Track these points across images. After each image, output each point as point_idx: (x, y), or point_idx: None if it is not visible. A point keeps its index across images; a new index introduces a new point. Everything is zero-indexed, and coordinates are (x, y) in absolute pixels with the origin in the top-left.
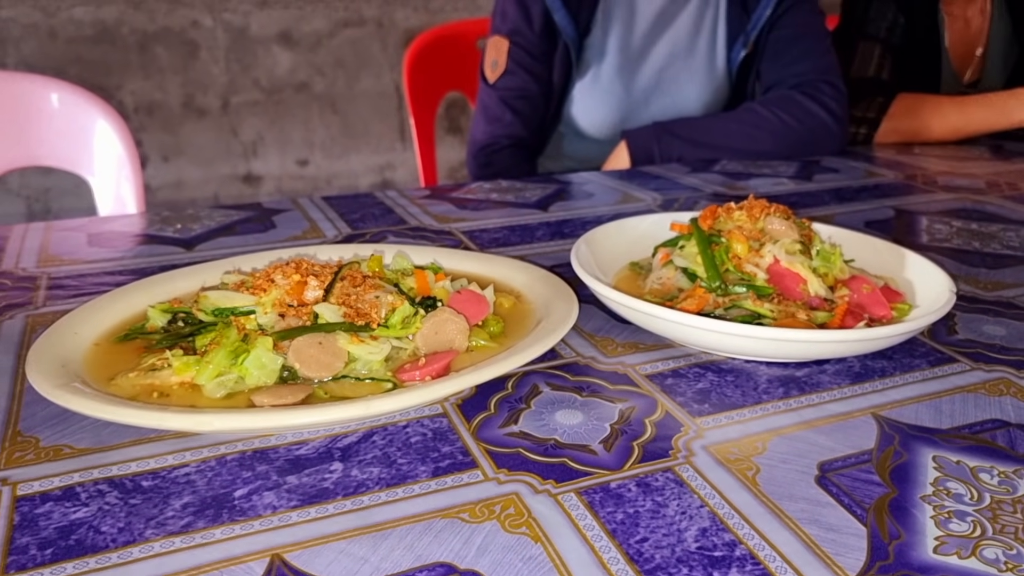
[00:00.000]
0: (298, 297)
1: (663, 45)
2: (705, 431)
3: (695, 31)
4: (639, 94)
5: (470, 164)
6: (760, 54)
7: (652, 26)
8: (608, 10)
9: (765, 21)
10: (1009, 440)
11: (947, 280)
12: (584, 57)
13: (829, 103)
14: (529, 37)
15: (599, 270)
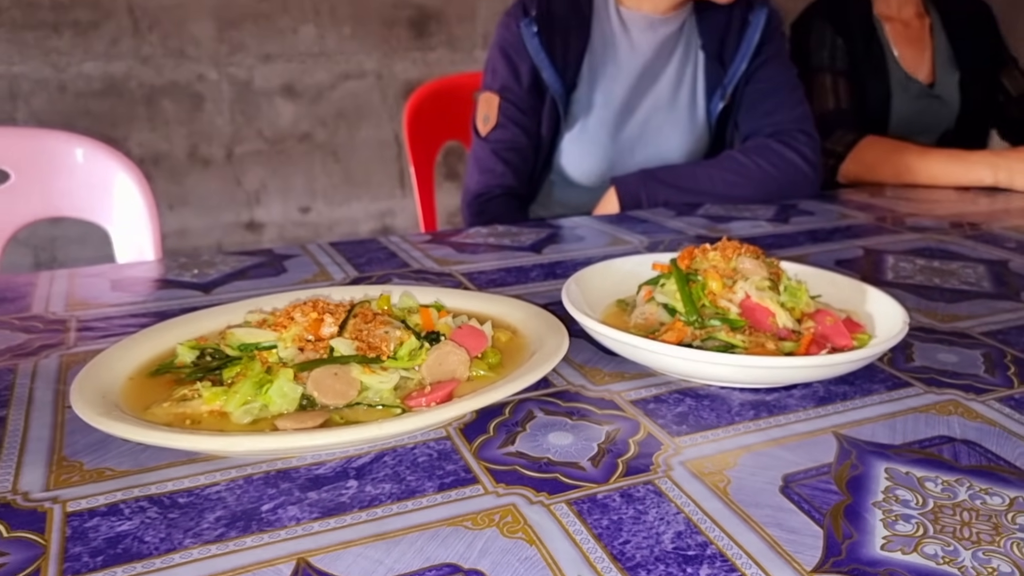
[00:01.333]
0: (315, 333)
1: (647, 98)
2: (683, 449)
3: (677, 85)
4: (625, 144)
5: (464, 212)
6: (737, 105)
7: (636, 81)
8: (593, 66)
9: (740, 75)
10: (954, 453)
11: (902, 312)
12: (571, 110)
13: (803, 150)
14: (518, 93)
15: (588, 307)
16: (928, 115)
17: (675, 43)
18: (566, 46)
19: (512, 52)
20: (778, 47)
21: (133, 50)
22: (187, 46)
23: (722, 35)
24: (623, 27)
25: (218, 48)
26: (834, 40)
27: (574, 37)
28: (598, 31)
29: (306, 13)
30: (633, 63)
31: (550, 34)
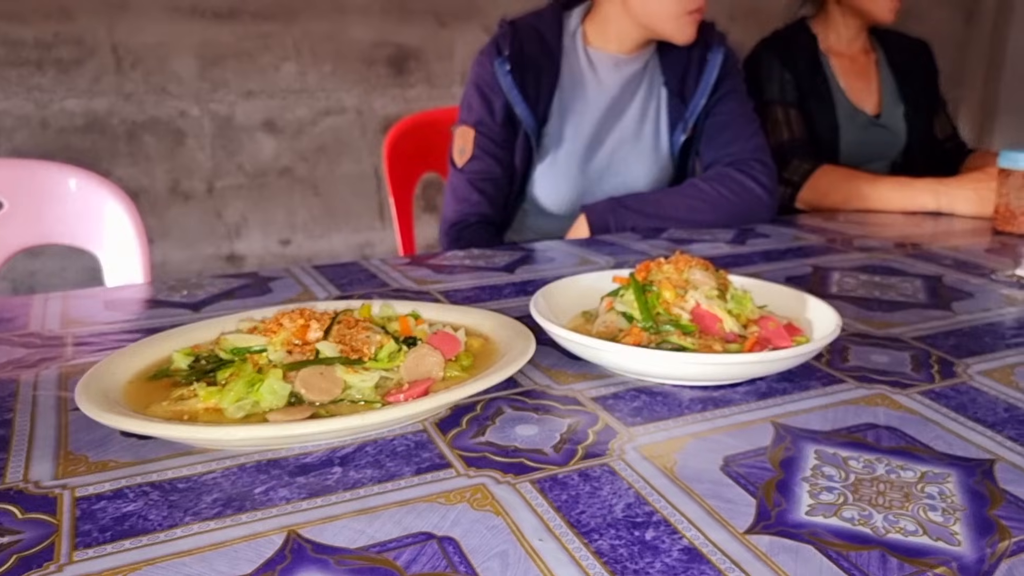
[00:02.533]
0: (302, 337)
1: (614, 131)
2: (636, 437)
3: (641, 119)
4: (593, 174)
5: (442, 240)
6: (698, 137)
7: (604, 115)
8: (563, 102)
9: (700, 110)
10: (876, 437)
11: (836, 317)
12: (543, 143)
13: (760, 178)
14: (492, 127)
15: (555, 317)
16: (876, 144)
17: (639, 80)
18: (537, 83)
19: (486, 89)
20: (735, 83)
21: (116, 87)
22: (169, 83)
23: (683, 73)
24: (591, 66)
25: (200, 85)
26: (782, 74)
27: (545, 75)
28: (567, 69)
29: (288, 51)
30: (600, 99)
31: (522, 72)
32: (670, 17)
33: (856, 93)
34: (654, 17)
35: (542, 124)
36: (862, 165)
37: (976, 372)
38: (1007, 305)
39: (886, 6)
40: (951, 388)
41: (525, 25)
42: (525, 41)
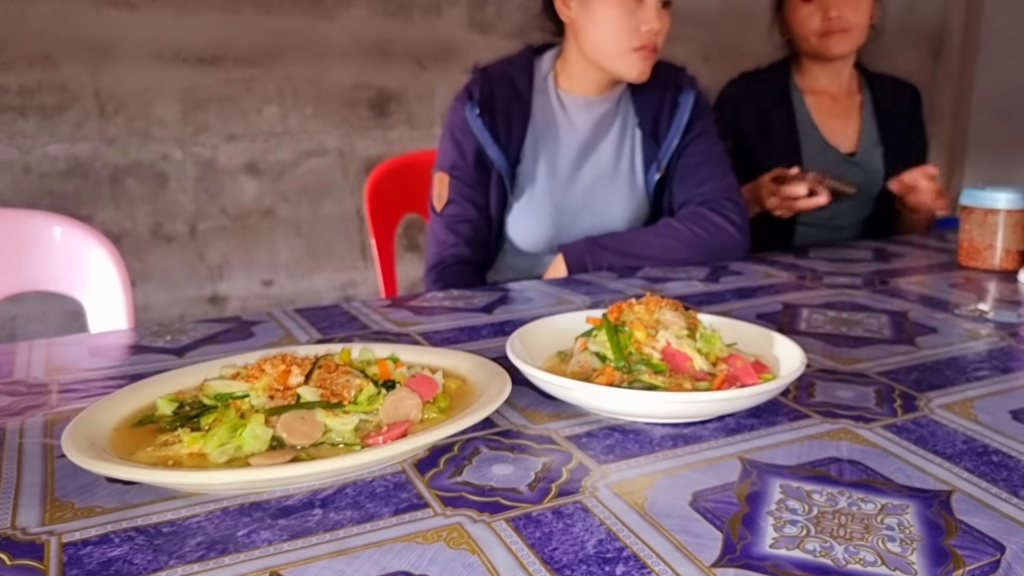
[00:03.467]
0: (284, 382)
1: (589, 170)
2: (608, 474)
3: (616, 158)
4: (569, 213)
5: (425, 281)
6: (672, 177)
7: (578, 154)
8: (536, 142)
9: (673, 150)
10: (839, 471)
11: (801, 354)
12: (517, 183)
13: (733, 216)
14: (466, 171)
15: (531, 358)
16: None
17: (612, 119)
18: (508, 125)
19: (459, 134)
20: (706, 124)
21: (99, 132)
22: (152, 127)
23: (655, 114)
24: (562, 107)
25: (183, 129)
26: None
27: (515, 117)
28: (539, 111)
29: (269, 95)
30: (573, 139)
31: (492, 115)
32: (616, 55)
33: (832, 131)
34: (602, 55)
35: (515, 164)
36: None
37: (937, 406)
38: (969, 339)
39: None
40: (912, 422)
41: (496, 70)
42: (496, 85)
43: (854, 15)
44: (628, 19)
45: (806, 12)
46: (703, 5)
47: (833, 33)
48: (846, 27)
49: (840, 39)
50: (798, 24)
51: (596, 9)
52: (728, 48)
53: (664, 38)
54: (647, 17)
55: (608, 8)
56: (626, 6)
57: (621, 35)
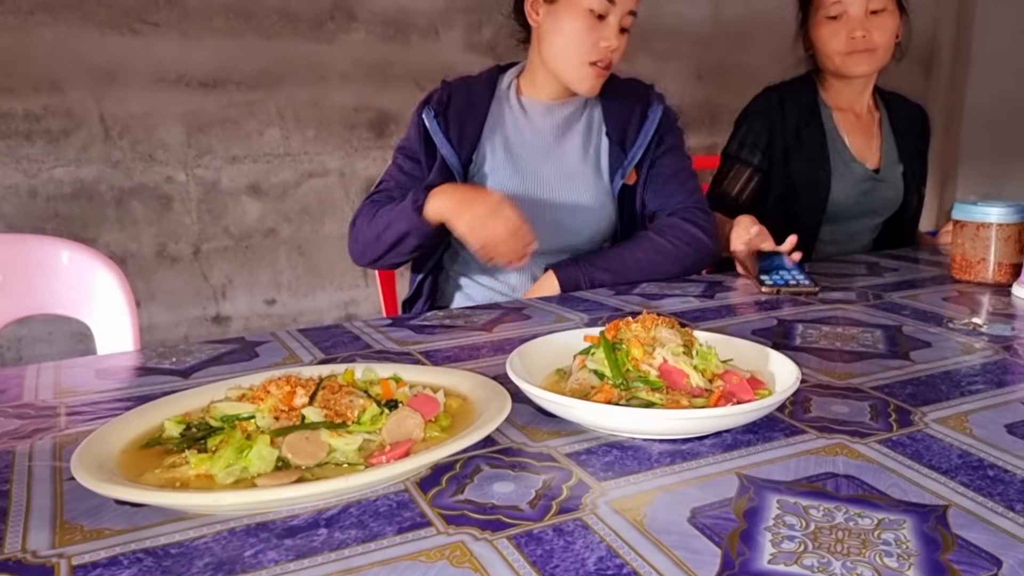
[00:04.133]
0: (289, 403)
1: (552, 169)
2: (608, 491)
3: (581, 159)
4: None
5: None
6: (643, 184)
7: (540, 155)
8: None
9: (639, 158)
10: (836, 486)
11: (796, 370)
12: (472, 181)
13: (704, 225)
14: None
15: (530, 376)
16: (873, 198)
17: (574, 123)
18: (461, 127)
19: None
20: (675, 139)
21: (104, 155)
22: (156, 150)
23: (624, 125)
24: (523, 112)
25: (186, 151)
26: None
27: (469, 121)
28: (497, 116)
29: (271, 117)
30: (535, 140)
31: (446, 118)
32: (572, 65)
33: (857, 147)
34: (559, 64)
35: (467, 164)
36: (855, 219)
37: (932, 420)
38: (963, 353)
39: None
40: (907, 436)
41: (458, 82)
42: (454, 93)
43: (879, 36)
44: (589, 34)
45: (830, 30)
46: (697, 24)
47: (857, 53)
48: (871, 47)
49: (863, 59)
50: (822, 42)
51: (562, 19)
52: (721, 66)
53: (619, 58)
54: (607, 34)
55: (573, 20)
56: (589, 21)
57: (580, 47)
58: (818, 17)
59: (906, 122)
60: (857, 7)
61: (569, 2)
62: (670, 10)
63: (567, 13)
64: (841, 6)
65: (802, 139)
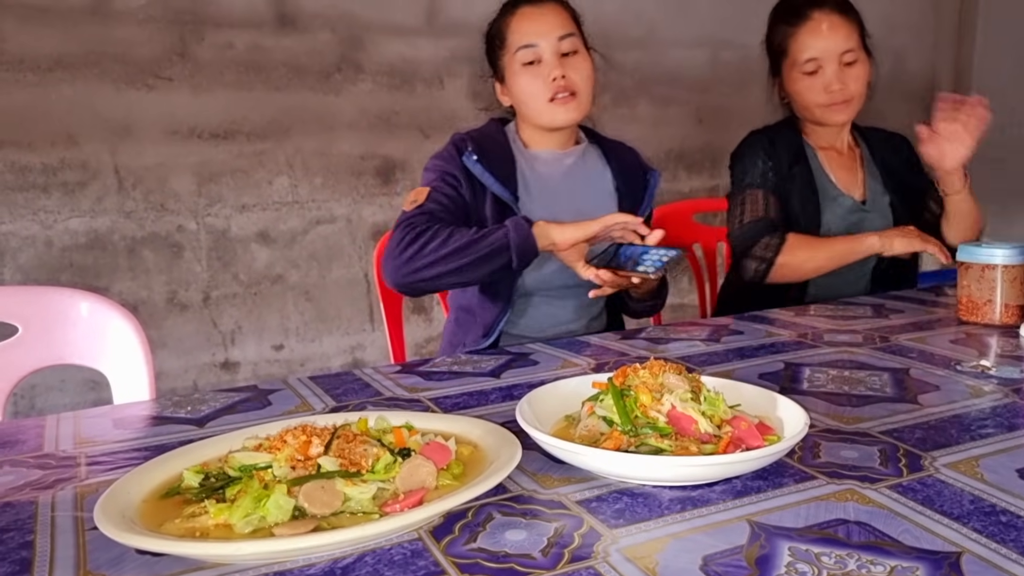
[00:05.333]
0: (305, 453)
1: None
2: (619, 538)
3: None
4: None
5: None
6: None
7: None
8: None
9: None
10: (847, 532)
11: (804, 416)
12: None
13: None
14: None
15: (539, 422)
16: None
17: (579, 171)
18: (502, 167)
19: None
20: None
21: (117, 206)
22: (168, 200)
23: (631, 182)
24: (534, 159)
25: (197, 201)
26: (765, 164)
27: (504, 162)
28: (519, 160)
29: (280, 166)
30: (554, 184)
31: (487, 160)
32: (539, 111)
33: (843, 182)
34: (532, 117)
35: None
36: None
37: (942, 465)
38: (972, 396)
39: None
40: (918, 482)
41: (476, 132)
42: (481, 141)
43: (855, 85)
44: (535, 80)
45: (806, 85)
46: (696, 70)
47: (835, 104)
48: (847, 98)
49: (842, 109)
50: (799, 95)
51: (513, 86)
52: (721, 110)
53: (582, 79)
54: (547, 71)
55: (518, 80)
56: (530, 72)
57: (534, 94)
58: (793, 73)
59: (889, 152)
60: (832, 62)
61: (510, 71)
62: (670, 56)
63: (513, 79)
64: (816, 63)
65: (793, 175)
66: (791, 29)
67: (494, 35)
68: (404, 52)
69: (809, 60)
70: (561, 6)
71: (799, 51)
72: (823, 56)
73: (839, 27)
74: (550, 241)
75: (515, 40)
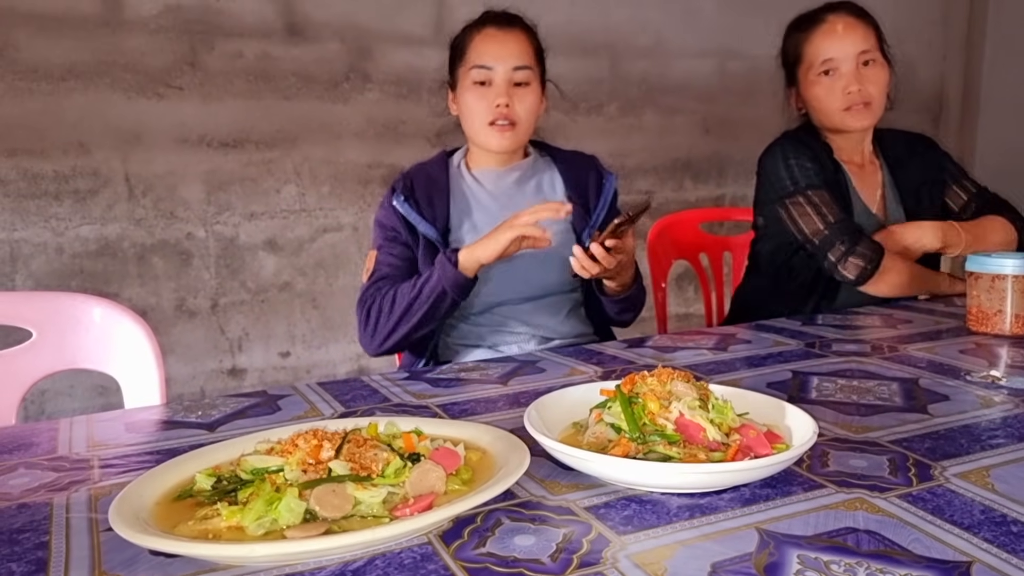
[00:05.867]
0: (316, 457)
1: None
2: (628, 545)
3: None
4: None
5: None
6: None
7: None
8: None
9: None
10: (856, 541)
11: (813, 424)
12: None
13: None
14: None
15: (547, 429)
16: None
17: (525, 183)
18: (430, 204)
19: (386, 223)
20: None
21: (127, 213)
22: (177, 208)
23: (583, 188)
24: (477, 182)
25: (206, 209)
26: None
27: (436, 197)
28: (457, 190)
29: (288, 175)
30: (494, 204)
31: (415, 199)
32: (477, 131)
33: (868, 198)
34: (471, 134)
35: (445, 234)
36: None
37: (952, 474)
38: (982, 407)
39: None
40: (928, 491)
41: (414, 169)
42: (414, 178)
43: (873, 88)
44: (480, 101)
45: (824, 87)
46: (703, 80)
47: (855, 108)
48: (867, 99)
49: (862, 113)
50: (817, 100)
51: (461, 100)
52: (727, 120)
53: (527, 111)
54: (493, 96)
55: (466, 96)
56: (478, 91)
57: (477, 114)
58: (809, 76)
59: (903, 157)
60: (848, 62)
61: (462, 85)
62: (677, 66)
63: (463, 93)
64: (833, 62)
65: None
66: (805, 34)
67: (457, 46)
68: (412, 61)
69: (825, 61)
70: (527, 35)
71: (815, 54)
72: (839, 56)
73: (855, 28)
74: (478, 263)
75: (473, 57)
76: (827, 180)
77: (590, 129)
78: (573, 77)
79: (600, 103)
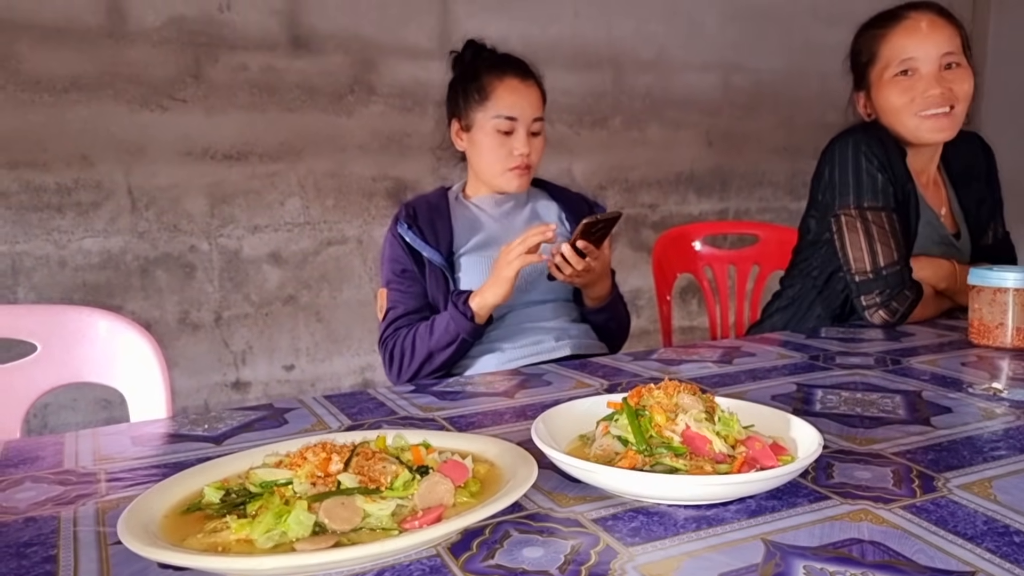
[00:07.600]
0: (325, 469)
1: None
2: (635, 556)
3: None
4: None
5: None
6: None
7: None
8: (465, 241)
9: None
10: (861, 552)
11: (818, 436)
12: (458, 276)
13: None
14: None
15: (554, 441)
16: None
17: (522, 210)
18: (434, 231)
19: (391, 253)
20: None
21: (131, 226)
22: (181, 221)
23: (577, 212)
24: (478, 209)
25: (210, 221)
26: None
27: (438, 224)
28: (459, 217)
29: (292, 188)
30: (495, 227)
31: (419, 227)
32: (495, 175)
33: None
34: (485, 175)
35: (449, 258)
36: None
37: (955, 486)
38: (984, 419)
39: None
40: (931, 502)
41: (416, 199)
42: (417, 208)
43: (959, 88)
44: (501, 147)
45: (902, 86)
46: (707, 93)
47: (935, 117)
48: (951, 102)
49: (943, 124)
50: (889, 103)
51: (478, 141)
52: (730, 133)
53: (538, 158)
54: (516, 145)
55: (488, 140)
56: (498, 138)
57: (497, 159)
58: (884, 77)
59: (962, 159)
60: (930, 63)
61: (481, 128)
62: (681, 80)
63: (482, 137)
64: (913, 61)
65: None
66: (883, 31)
67: (473, 87)
68: (416, 74)
69: (904, 60)
70: (538, 86)
71: (893, 52)
72: (921, 56)
73: (940, 27)
74: (491, 308)
75: (499, 107)
76: (895, 194)
77: (594, 142)
78: (577, 90)
79: (604, 116)
